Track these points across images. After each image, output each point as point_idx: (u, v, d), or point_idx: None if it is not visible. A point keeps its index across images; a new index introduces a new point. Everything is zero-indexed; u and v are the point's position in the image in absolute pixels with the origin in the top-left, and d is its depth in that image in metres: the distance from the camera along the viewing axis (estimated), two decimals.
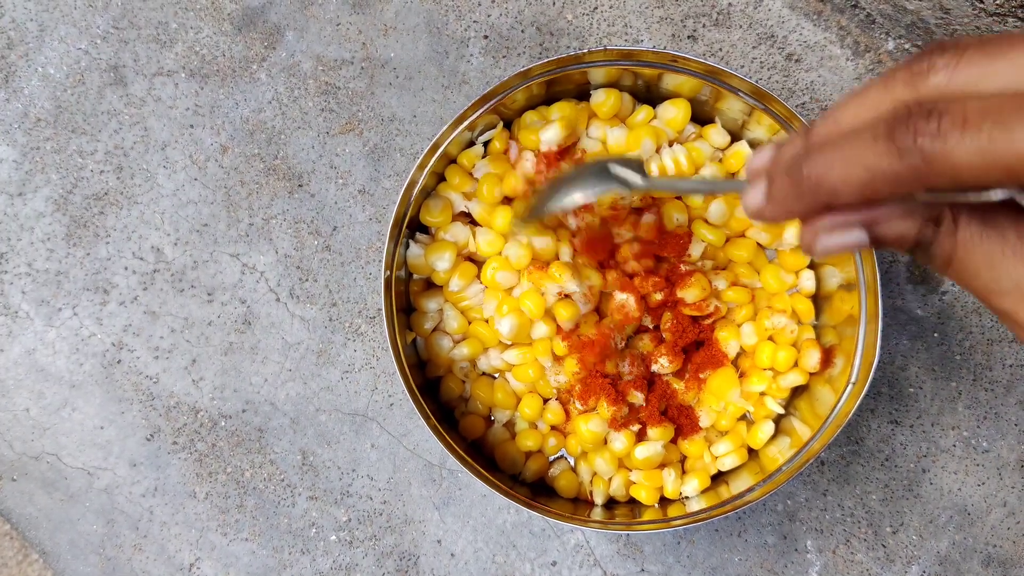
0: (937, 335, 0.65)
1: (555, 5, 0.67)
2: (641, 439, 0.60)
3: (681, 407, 0.60)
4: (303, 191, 0.68)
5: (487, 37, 0.68)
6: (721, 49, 0.67)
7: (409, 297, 0.63)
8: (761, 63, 0.66)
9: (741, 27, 0.66)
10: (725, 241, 0.60)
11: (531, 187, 0.59)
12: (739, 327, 0.61)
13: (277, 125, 0.68)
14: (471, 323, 0.62)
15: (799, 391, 0.61)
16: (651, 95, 0.62)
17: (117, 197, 0.69)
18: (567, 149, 0.61)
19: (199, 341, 0.68)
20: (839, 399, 0.56)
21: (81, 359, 0.69)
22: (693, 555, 0.66)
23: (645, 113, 0.60)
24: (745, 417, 0.61)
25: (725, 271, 0.61)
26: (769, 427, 0.61)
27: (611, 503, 0.62)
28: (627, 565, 0.66)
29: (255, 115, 0.68)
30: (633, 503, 0.61)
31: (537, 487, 0.62)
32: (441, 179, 0.62)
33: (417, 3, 0.68)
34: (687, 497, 0.60)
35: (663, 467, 0.61)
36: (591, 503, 0.62)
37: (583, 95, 0.62)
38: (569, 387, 0.60)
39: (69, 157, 0.69)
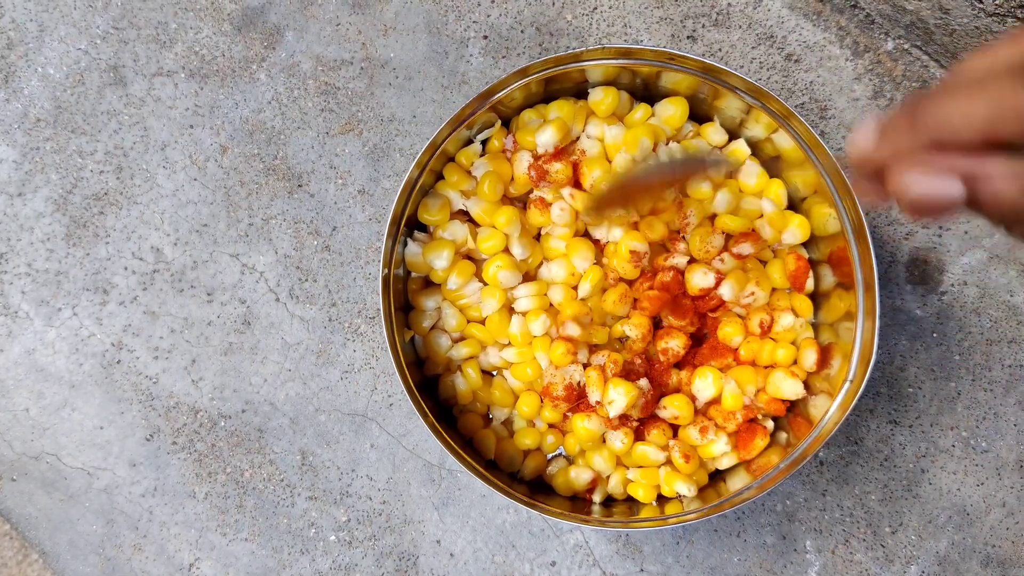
0: (936, 335, 0.65)
1: (555, 5, 0.67)
2: (640, 438, 0.60)
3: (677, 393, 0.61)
4: (303, 191, 0.68)
5: (487, 37, 0.68)
6: (721, 49, 0.67)
7: (407, 295, 0.63)
8: (760, 63, 0.67)
9: (740, 27, 0.67)
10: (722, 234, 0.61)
11: (596, 187, 0.59)
12: (742, 322, 0.61)
13: (277, 125, 0.68)
14: (469, 321, 0.62)
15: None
16: (649, 94, 0.62)
17: (117, 197, 0.69)
18: (563, 149, 0.61)
19: (199, 341, 0.68)
20: (836, 398, 0.56)
21: (81, 359, 0.69)
22: (692, 555, 0.66)
23: (643, 111, 0.60)
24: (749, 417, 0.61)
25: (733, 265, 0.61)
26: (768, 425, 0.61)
27: (609, 501, 0.62)
28: (626, 565, 0.66)
29: (255, 115, 0.68)
30: (631, 501, 0.61)
31: (536, 486, 0.62)
32: (439, 177, 0.62)
33: (417, 3, 0.68)
34: (684, 496, 0.60)
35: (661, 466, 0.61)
36: (589, 501, 0.62)
37: (582, 94, 0.62)
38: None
39: (69, 157, 0.69)
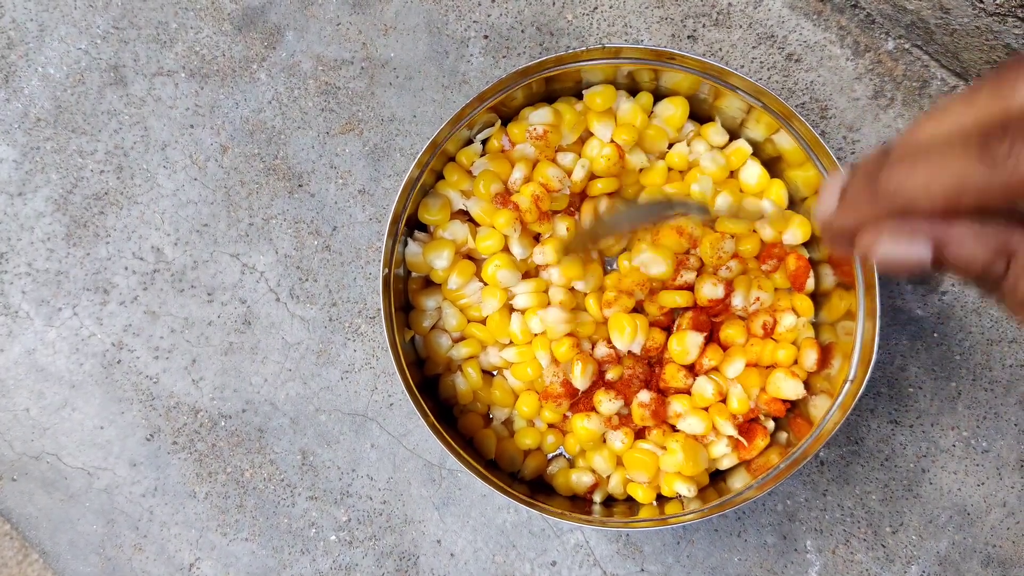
0: (937, 335, 0.65)
1: (555, 5, 0.67)
2: (640, 437, 0.60)
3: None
4: (303, 191, 0.68)
5: (487, 37, 0.68)
6: (721, 49, 0.67)
7: (408, 295, 0.63)
8: (761, 63, 0.66)
9: (741, 27, 0.66)
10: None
11: (577, 220, 0.60)
12: (744, 324, 0.61)
13: (277, 125, 0.68)
14: (470, 321, 0.62)
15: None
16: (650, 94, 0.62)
17: (117, 197, 0.69)
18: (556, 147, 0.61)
19: (199, 341, 0.68)
20: (837, 397, 0.56)
21: (81, 359, 0.69)
22: (693, 555, 0.66)
23: (646, 98, 0.61)
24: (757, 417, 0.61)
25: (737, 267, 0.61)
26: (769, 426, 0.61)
27: (609, 501, 0.62)
28: (627, 565, 0.66)
29: (255, 115, 0.68)
30: (631, 501, 0.61)
31: (536, 485, 0.62)
32: (440, 177, 0.62)
33: (417, 3, 0.68)
34: (684, 497, 0.60)
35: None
36: (589, 501, 0.62)
37: (582, 95, 0.62)
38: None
39: (69, 157, 0.69)
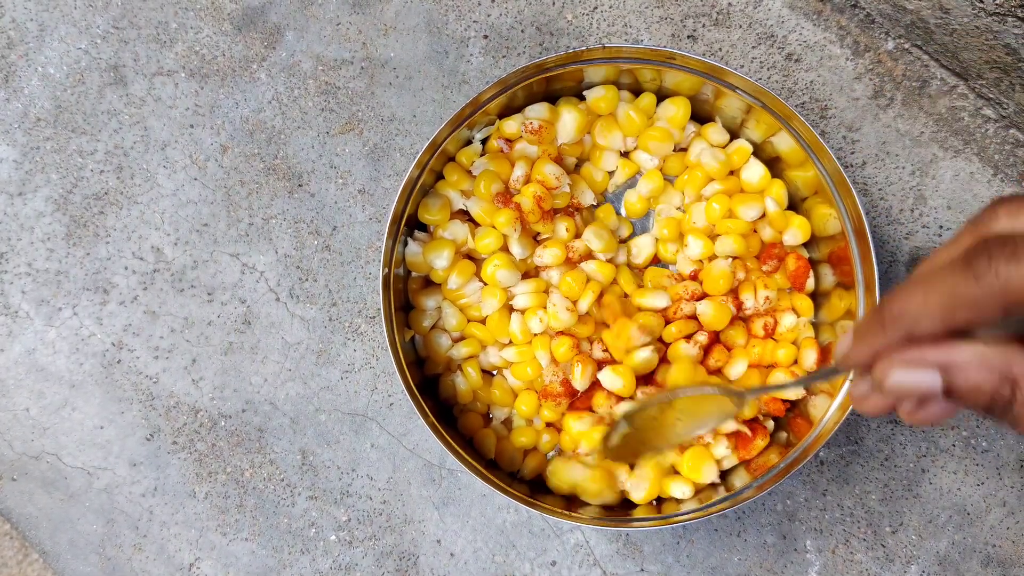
0: None
1: (555, 5, 0.67)
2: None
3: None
4: (303, 191, 0.68)
5: (487, 37, 0.68)
6: (721, 49, 0.67)
7: (408, 295, 0.63)
8: (761, 63, 0.67)
9: (741, 27, 0.67)
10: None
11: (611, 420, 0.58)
12: (745, 325, 0.61)
13: (277, 125, 0.68)
14: (470, 321, 0.62)
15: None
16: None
17: (117, 197, 0.69)
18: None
19: (199, 341, 0.68)
20: (836, 397, 0.56)
21: (81, 359, 0.69)
22: (693, 555, 0.66)
23: (648, 99, 0.61)
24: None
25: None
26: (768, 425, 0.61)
27: None
28: (626, 565, 0.66)
29: (255, 115, 0.68)
30: (631, 501, 0.61)
31: (536, 485, 0.62)
32: (440, 177, 0.62)
33: (417, 3, 0.68)
34: (681, 498, 0.59)
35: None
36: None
37: (583, 95, 0.62)
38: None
39: (69, 157, 0.69)
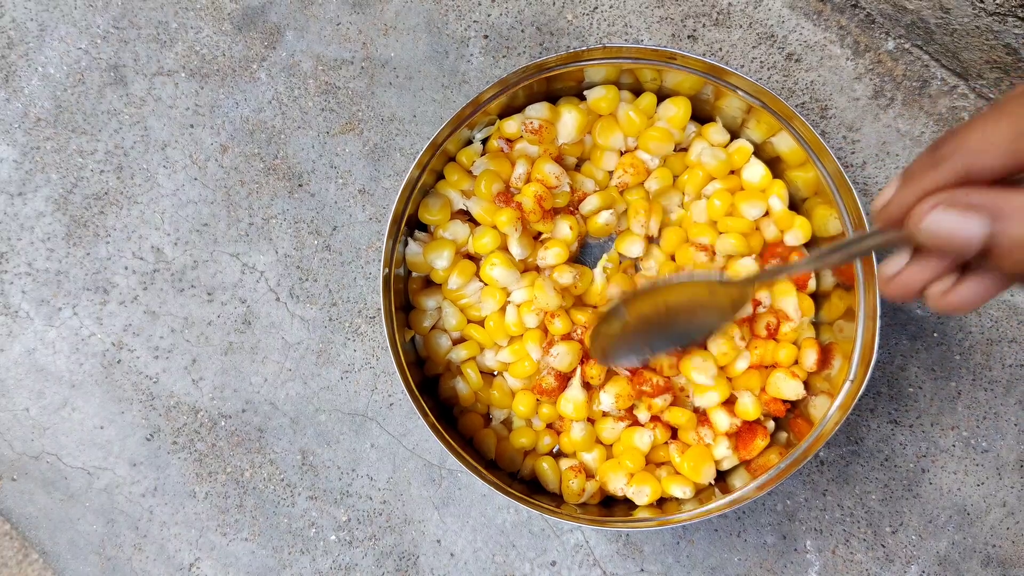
0: (936, 335, 0.65)
1: (555, 5, 0.67)
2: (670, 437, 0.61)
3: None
4: (303, 191, 0.68)
5: (487, 37, 0.68)
6: (721, 49, 0.67)
7: (408, 295, 0.63)
8: (761, 63, 0.66)
9: (741, 27, 0.66)
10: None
11: (602, 320, 0.56)
12: (746, 325, 0.61)
13: (277, 125, 0.68)
14: (470, 322, 0.62)
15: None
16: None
17: (117, 197, 0.69)
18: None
19: (199, 341, 0.68)
20: (837, 397, 0.56)
21: (81, 359, 0.69)
22: (693, 555, 0.66)
23: (649, 99, 0.61)
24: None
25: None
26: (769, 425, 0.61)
27: (609, 501, 0.62)
28: (626, 565, 0.66)
29: (255, 115, 0.68)
30: (631, 501, 0.61)
31: (536, 485, 0.62)
32: (440, 177, 0.62)
33: (417, 3, 0.68)
34: (680, 499, 0.60)
35: (660, 465, 0.61)
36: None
37: (583, 95, 0.62)
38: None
39: (69, 157, 0.69)
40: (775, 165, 0.62)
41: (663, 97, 0.62)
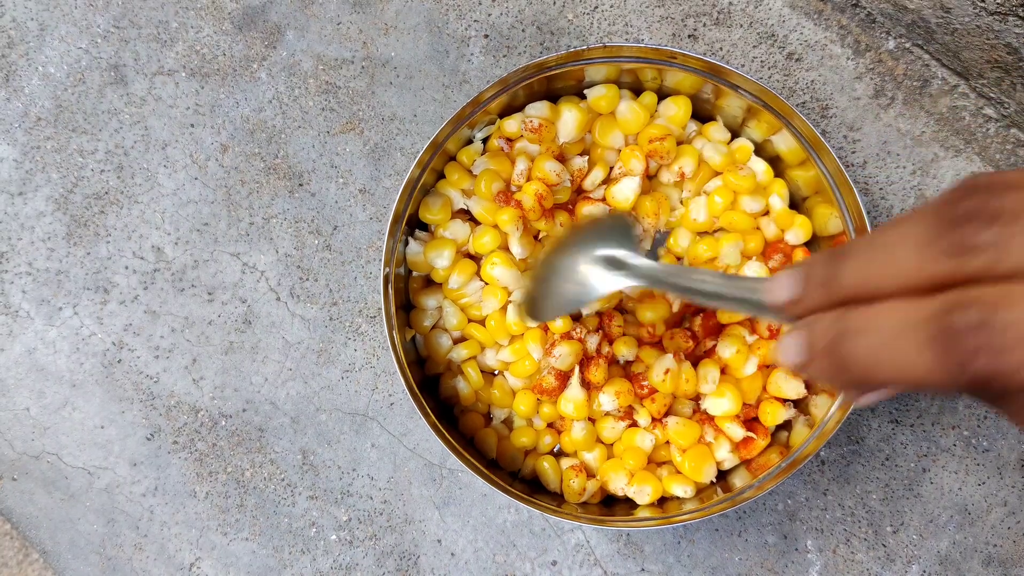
0: None
1: (556, 4, 0.67)
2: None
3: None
4: (303, 190, 0.68)
5: (488, 36, 0.68)
6: (722, 48, 0.67)
7: (409, 294, 0.63)
8: (762, 62, 0.66)
9: (741, 26, 0.66)
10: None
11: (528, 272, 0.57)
12: (752, 323, 0.61)
13: (277, 124, 0.68)
14: (471, 321, 0.62)
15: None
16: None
17: (117, 196, 0.69)
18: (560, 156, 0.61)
19: (199, 340, 0.68)
20: (837, 397, 0.56)
21: (81, 358, 0.69)
22: (693, 554, 0.66)
23: (650, 98, 0.61)
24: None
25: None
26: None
27: (610, 501, 0.62)
28: (627, 564, 0.66)
29: (255, 114, 0.68)
30: (631, 501, 0.61)
31: (536, 485, 0.62)
32: (441, 176, 0.62)
33: (418, 2, 0.68)
34: (681, 498, 0.59)
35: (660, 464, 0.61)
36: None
37: (584, 95, 0.62)
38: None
39: (69, 156, 0.69)
40: (776, 164, 0.62)
41: (663, 96, 0.62)
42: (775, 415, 0.59)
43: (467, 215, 0.62)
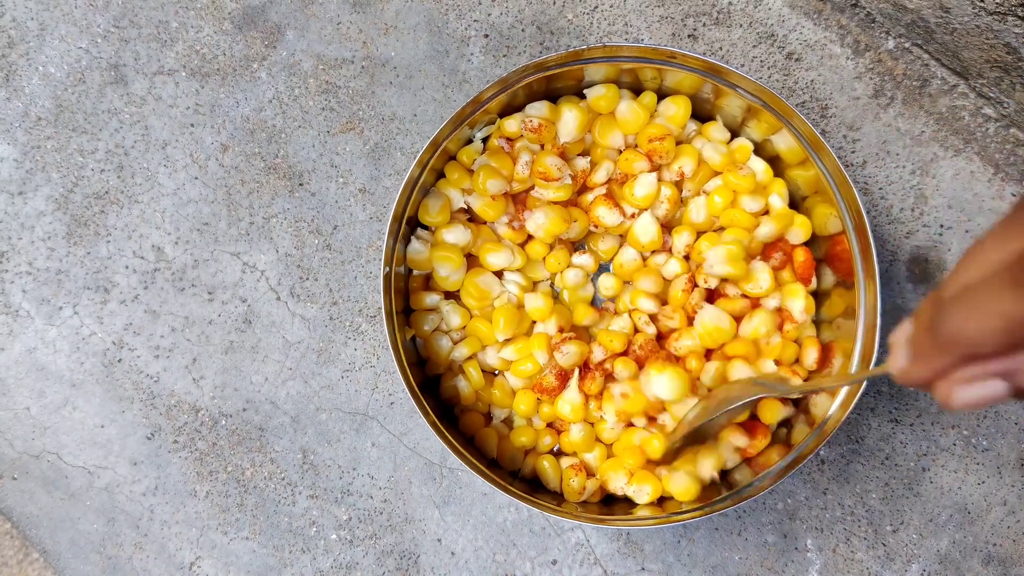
0: None
1: (555, 4, 0.67)
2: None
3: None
4: (303, 190, 0.68)
5: (487, 36, 0.68)
6: (722, 48, 0.67)
7: (409, 294, 0.63)
8: (761, 62, 0.67)
9: (741, 26, 0.67)
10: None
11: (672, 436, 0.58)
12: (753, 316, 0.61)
13: (278, 124, 0.68)
14: (472, 317, 0.62)
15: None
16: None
17: (118, 196, 0.69)
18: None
19: (200, 340, 0.68)
20: (837, 396, 0.56)
21: (82, 358, 0.69)
22: (693, 553, 0.66)
23: (650, 98, 0.61)
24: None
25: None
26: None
27: (609, 500, 0.62)
28: (627, 564, 0.66)
29: (256, 114, 0.68)
30: (631, 500, 0.61)
31: (536, 484, 0.62)
32: (441, 176, 0.62)
33: (418, 2, 0.68)
34: (678, 498, 0.60)
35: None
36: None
37: (583, 94, 0.62)
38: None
39: (70, 156, 0.69)
40: (775, 164, 0.62)
41: (663, 96, 0.62)
42: (775, 413, 0.59)
43: (467, 214, 0.62)
